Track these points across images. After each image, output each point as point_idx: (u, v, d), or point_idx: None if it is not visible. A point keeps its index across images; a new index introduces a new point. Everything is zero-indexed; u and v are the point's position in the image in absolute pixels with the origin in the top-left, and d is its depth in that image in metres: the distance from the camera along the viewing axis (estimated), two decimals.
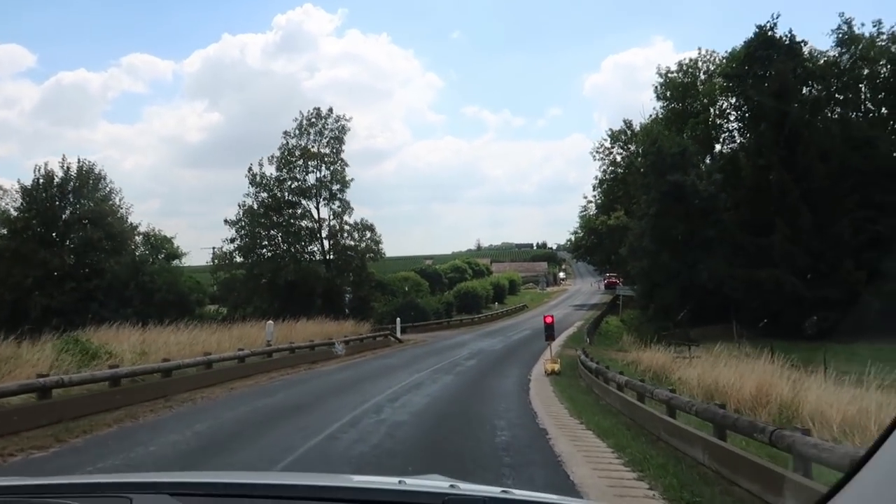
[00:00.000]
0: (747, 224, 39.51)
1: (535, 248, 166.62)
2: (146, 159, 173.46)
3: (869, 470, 0.93)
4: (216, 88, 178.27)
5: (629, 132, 65.20)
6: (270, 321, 22.06)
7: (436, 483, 1.48)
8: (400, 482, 1.46)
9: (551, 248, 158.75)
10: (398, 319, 35.81)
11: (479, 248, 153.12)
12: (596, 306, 65.26)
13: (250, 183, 41.47)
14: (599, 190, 69.51)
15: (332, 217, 42.30)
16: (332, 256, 42.53)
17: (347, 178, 42.79)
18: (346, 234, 42.42)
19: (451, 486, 1.40)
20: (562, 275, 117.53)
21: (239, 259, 40.72)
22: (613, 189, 64.93)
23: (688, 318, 40.52)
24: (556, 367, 20.09)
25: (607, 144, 66.63)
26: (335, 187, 42.27)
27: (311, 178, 42.67)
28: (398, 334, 34.69)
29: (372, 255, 42.60)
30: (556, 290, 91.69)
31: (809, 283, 35.83)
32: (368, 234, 42.98)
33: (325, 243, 42.44)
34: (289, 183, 41.77)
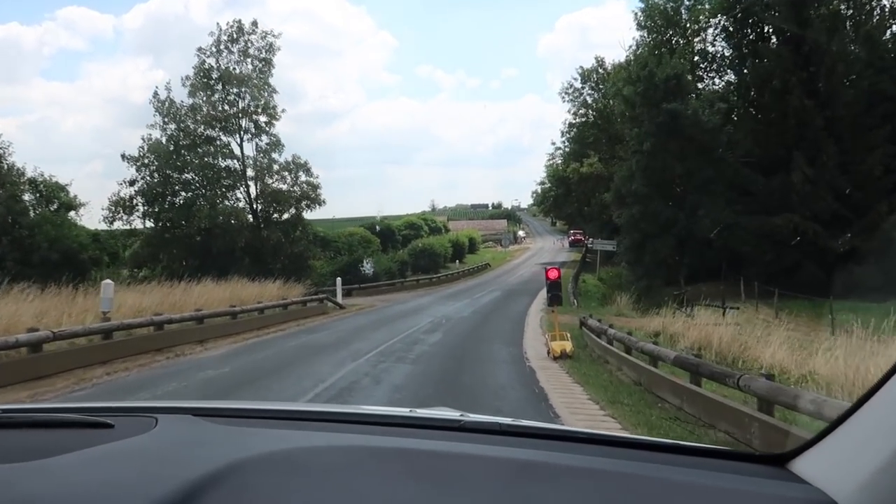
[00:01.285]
0: (756, 163, 33.31)
1: (490, 208, 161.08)
2: (88, 119, 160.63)
3: (862, 415, 0.95)
4: (160, 45, 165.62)
5: (601, 71, 58.62)
6: (108, 281, 14.58)
7: (446, 412, 1.56)
8: (411, 411, 1.58)
9: (508, 208, 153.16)
10: (339, 280, 28.70)
11: (433, 209, 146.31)
12: (565, 264, 59.20)
13: (157, 111, 33.34)
14: (569, 136, 63.16)
15: (258, 155, 34.57)
16: (259, 205, 34.89)
17: (277, 109, 35.05)
18: (275, 176, 34.80)
19: (462, 414, 1.49)
20: (521, 233, 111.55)
21: (142, 208, 32.73)
22: (585, 134, 58.55)
23: (685, 275, 34.52)
24: (568, 346, 13.38)
25: (577, 84, 60.01)
26: (262, 119, 34.52)
27: (235, 108, 34.69)
28: (339, 298, 27.62)
29: (309, 202, 35.12)
30: (518, 248, 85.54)
31: (834, 231, 29.99)
32: (303, 177, 35.45)
33: (251, 188, 34.76)
34: (205, 110, 33.72)
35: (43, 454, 1.14)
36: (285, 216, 35.56)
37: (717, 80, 41.55)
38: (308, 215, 36.33)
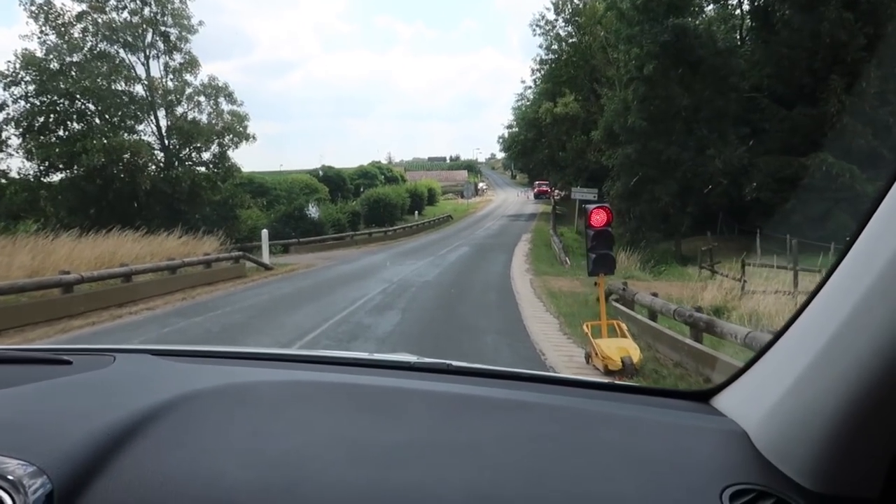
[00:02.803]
0: (779, 93, 27.81)
1: (448, 161, 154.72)
2: None
3: (773, 351, 1.02)
4: None
5: (577, 1, 52.14)
6: None
7: (404, 356, 1.56)
8: (369, 355, 1.60)
9: (467, 160, 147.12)
10: (265, 233, 22.35)
11: (390, 161, 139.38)
12: (534, 217, 53.83)
13: (31, 16, 25.89)
14: (540, 74, 56.89)
15: (168, 77, 27.51)
16: (173, 142, 27.99)
17: (193, 22, 27.93)
18: (191, 103, 27.87)
19: (418, 358, 1.50)
20: (482, 185, 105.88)
21: (17, 141, 25.55)
22: (558, 72, 52.36)
23: (688, 225, 29.20)
24: (633, 351, 7.28)
25: (550, 16, 53.49)
26: (173, 32, 27.36)
27: (139, 17, 27.42)
28: (265, 256, 21.36)
29: (234, 136, 28.35)
30: (481, 200, 79.71)
31: (874, 173, 24.78)
32: (226, 105, 28.58)
33: (160, 118, 27.75)
34: (95, 17, 26.41)
35: (1, 386, 1.16)
36: (206, 155, 28.79)
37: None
38: (254, 168, 29.67)
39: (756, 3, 30.95)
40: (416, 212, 53.46)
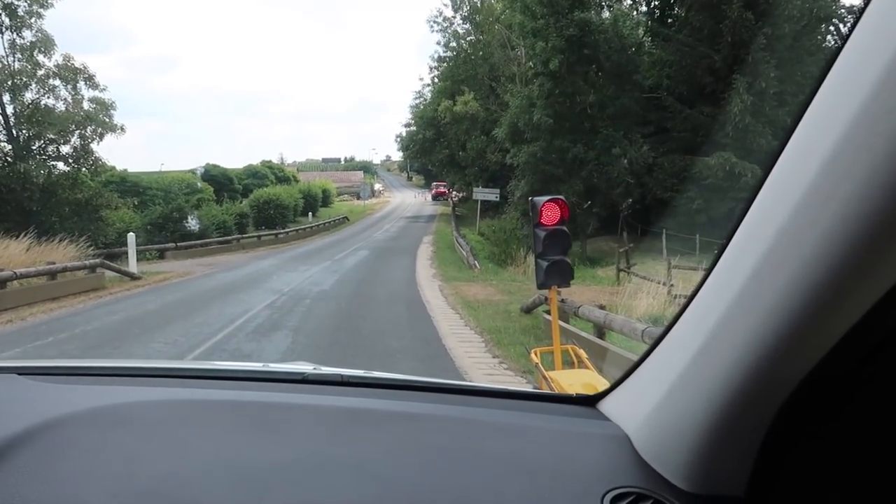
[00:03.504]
0: (680, 93, 27.51)
1: (342, 162, 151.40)
2: None
3: (654, 355, 1.03)
4: None
5: None
6: None
7: (299, 365, 1.51)
8: (264, 365, 1.56)
9: (362, 161, 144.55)
10: (131, 237, 19.29)
11: (282, 161, 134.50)
12: (434, 218, 52.37)
13: None
14: (438, 72, 55.43)
15: (14, 57, 23.61)
16: (23, 133, 24.09)
17: None
18: (44, 87, 24.07)
19: (315, 367, 1.47)
20: (378, 186, 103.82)
21: None
22: (457, 71, 51.09)
23: (595, 226, 28.44)
24: (595, 379, 5.75)
25: (448, 12, 52.22)
26: (21, 5, 23.53)
27: None
28: (131, 264, 18.38)
29: (98, 127, 24.84)
30: (378, 202, 77.64)
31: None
32: (87, 91, 24.98)
33: (7, 105, 23.78)
34: None
35: None
36: (65, 148, 25.05)
37: None
38: (138, 168, 25.99)
39: (654, 2, 30.74)
40: (310, 213, 50.73)
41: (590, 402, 1.26)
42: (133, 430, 1.07)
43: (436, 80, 55.68)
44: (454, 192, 62.70)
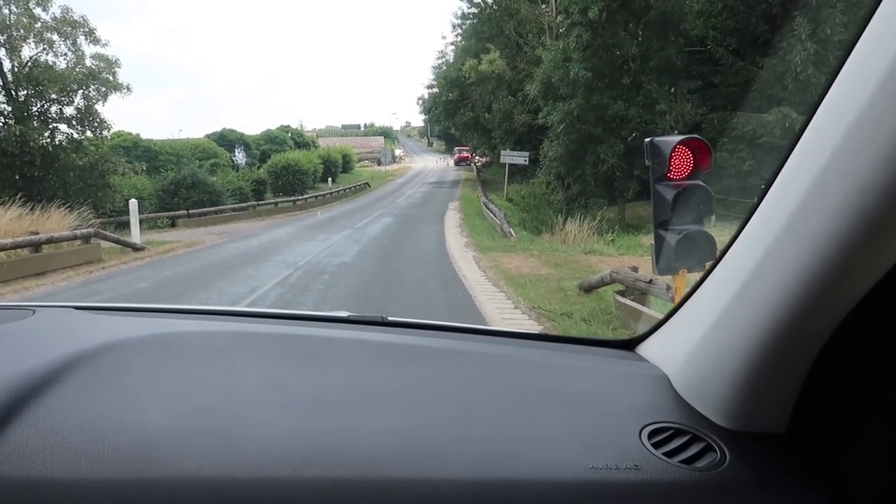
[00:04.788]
0: (730, 43, 25.05)
1: (363, 128, 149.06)
2: None
3: (692, 300, 1.04)
4: None
5: None
6: None
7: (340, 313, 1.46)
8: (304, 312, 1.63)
9: (383, 127, 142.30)
10: (133, 204, 17.58)
11: (301, 127, 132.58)
12: (458, 183, 50.39)
13: None
14: (462, 30, 52.86)
15: (9, 9, 21.76)
16: (23, 93, 22.39)
17: None
18: (42, 41, 22.26)
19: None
20: (399, 152, 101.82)
21: None
22: (481, 28, 48.48)
23: (635, 190, 26.30)
24: None
25: None
26: None
27: None
28: (134, 234, 16.75)
29: (101, 85, 23.09)
30: (399, 167, 75.70)
31: None
32: (88, 47, 23.16)
33: (4, 61, 22.07)
34: None
35: None
36: (69, 110, 23.38)
37: None
38: (157, 136, 24.18)
39: None
40: (330, 179, 48.93)
41: (628, 345, 1.26)
42: (186, 357, 1.09)
43: (459, 38, 53.14)
44: (477, 157, 60.68)
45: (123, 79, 23.70)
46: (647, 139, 4.12)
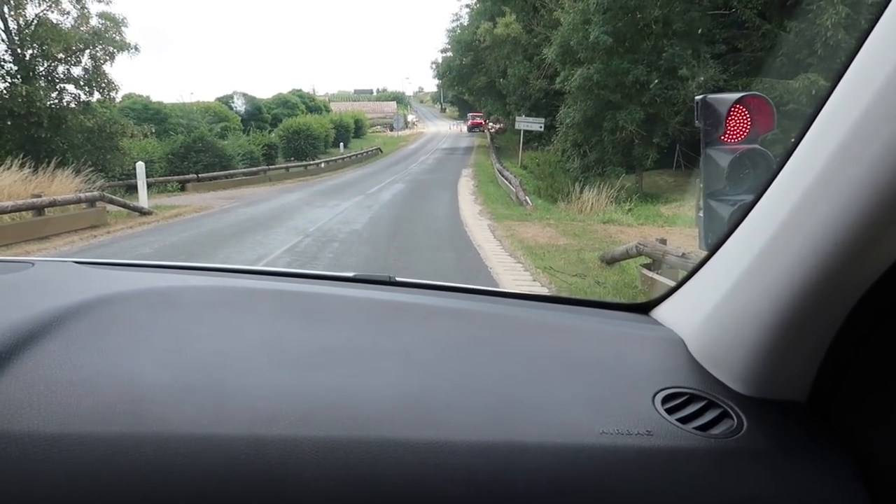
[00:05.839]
0: (757, 6, 24.08)
1: (375, 93, 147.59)
2: None
3: (709, 265, 1.02)
4: None
5: None
6: None
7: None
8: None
9: (395, 92, 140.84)
10: (140, 167, 17.17)
11: (313, 92, 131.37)
12: (471, 150, 49.71)
13: None
14: None
15: None
16: (29, 52, 21.94)
17: None
18: (43, 1, 21.70)
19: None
20: (411, 117, 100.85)
21: None
22: None
23: (654, 160, 25.64)
24: None
25: None
26: None
27: None
28: (142, 197, 16.41)
29: (106, 45, 22.60)
30: (411, 133, 74.94)
31: None
32: (92, 4, 22.63)
33: (7, 20, 21.56)
34: None
35: None
36: (77, 70, 22.92)
37: None
38: (166, 98, 23.69)
39: None
40: (342, 144, 48.42)
41: (643, 309, 1.23)
42: (182, 311, 1.06)
43: (475, 0, 51.90)
44: (491, 124, 59.84)
45: (131, 39, 23.14)
46: (699, 97, 3.59)
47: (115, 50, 22.66)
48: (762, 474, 0.81)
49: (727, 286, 0.90)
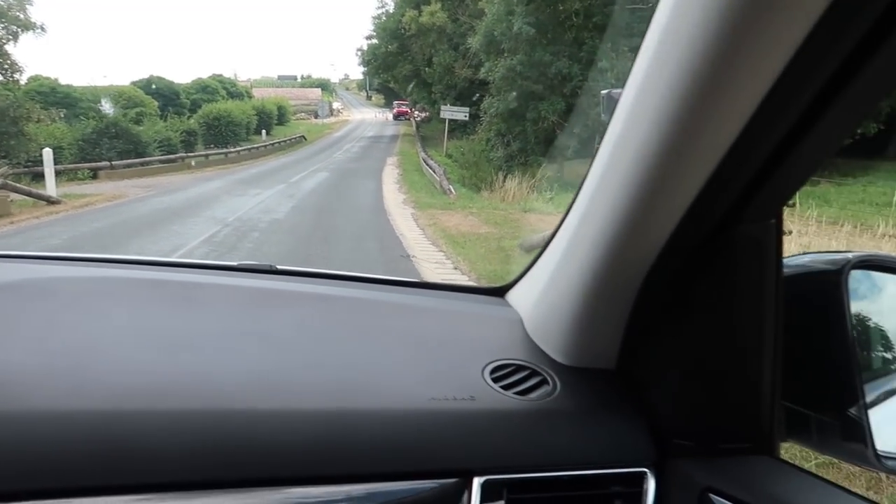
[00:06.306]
0: None
1: (299, 79, 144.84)
2: None
3: (548, 248, 1.10)
4: None
5: None
6: None
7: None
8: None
9: (320, 79, 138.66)
10: (48, 153, 16.31)
11: (235, 77, 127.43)
12: (396, 138, 49.57)
13: None
14: None
15: None
16: None
17: None
18: None
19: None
20: (337, 105, 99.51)
21: None
22: None
23: (574, 150, 26.24)
24: None
25: None
26: None
27: None
28: (49, 185, 15.63)
29: (9, 24, 21.33)
30: (336, 121, 74.05)
31: None
32: None
33: None
34: None
35: None
36: None
37: None
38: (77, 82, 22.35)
39: None
40: (264, 132, 47.33)
41: (499, 292, 1.31)
42: (52, 301, 1.07)
43: None
44: (417, 112, 59.75)
45: (37, 18, 21.93)
46: (604, 91, 3.74)
47: (18, 29, 21.46)
48: (571, 431, 0.95)
49: (551, 269, 1.02)
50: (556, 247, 1.04)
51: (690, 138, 0.72)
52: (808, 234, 10.43)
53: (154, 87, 46.71)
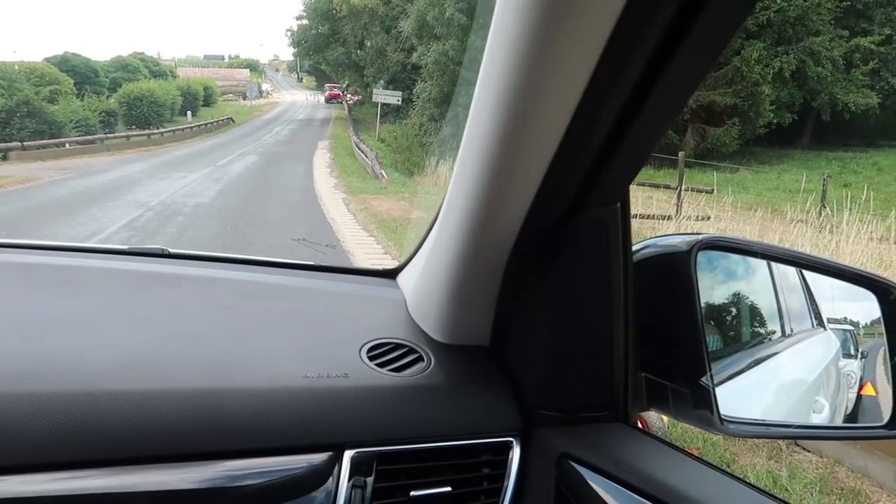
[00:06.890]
0: None
1: (227, 59, 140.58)
2: None
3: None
4: None
5: None
6: None
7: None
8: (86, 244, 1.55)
9: (249, 60, 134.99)
10: None
11: (158, 56, 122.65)
12: (328, 122, 48.86)
13: None
14: None
15: None
16: None
17: None
18: None
19: (162, 249, 1.42)
20: (266, 86, 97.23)
21: None
22: None
23: None
24: None
25: None
26: None
27: None
28: None
29: None
30: (266, 102, 72.28)
31: None
32: None
33: None
34: None
35: None
36: None
37: None
38: None
39: None
40: (189, 113, 45.81)
41: (391, 274, 1.35)
42: None
43: None
44: (349, 95, 58.98)
45: None
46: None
47: None
48: (442, 404, 0.99)
49: (427, 252, 1.08)
50: (433, 232, 1.09)
51: (525, 130, 0.77)
52: (724, 220, 10.93)
53: (70, 64, 44.44)
